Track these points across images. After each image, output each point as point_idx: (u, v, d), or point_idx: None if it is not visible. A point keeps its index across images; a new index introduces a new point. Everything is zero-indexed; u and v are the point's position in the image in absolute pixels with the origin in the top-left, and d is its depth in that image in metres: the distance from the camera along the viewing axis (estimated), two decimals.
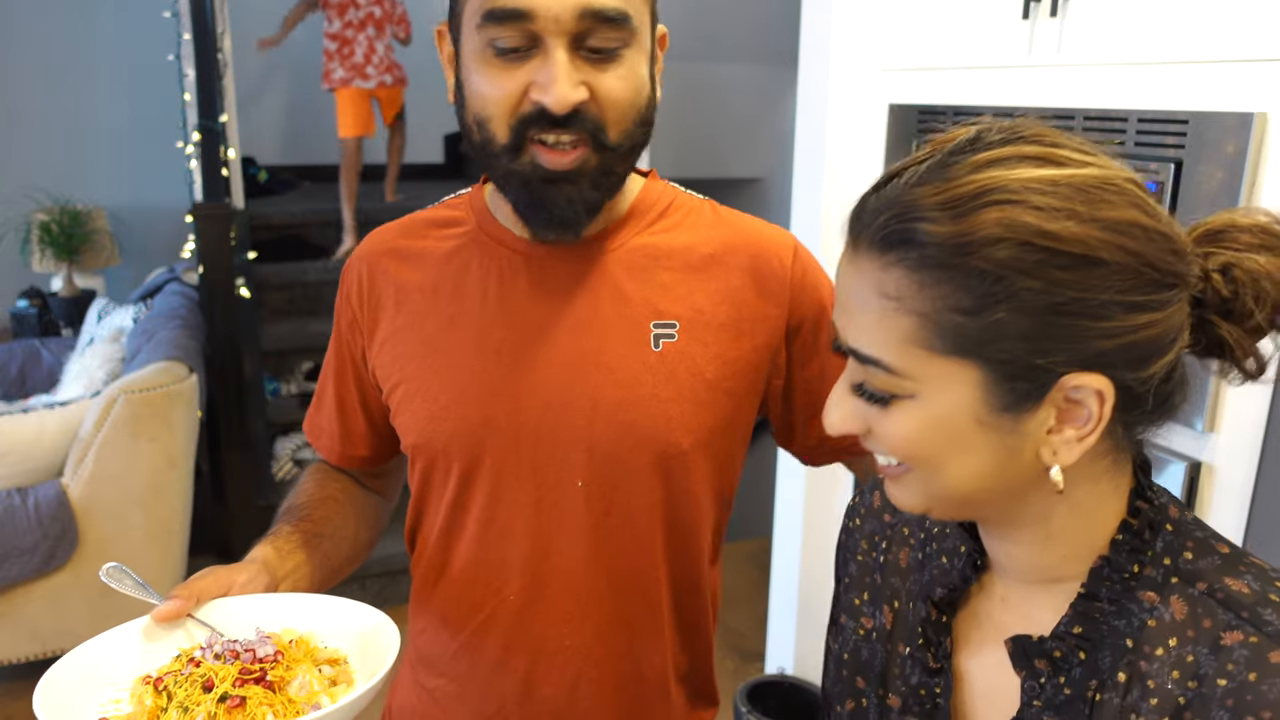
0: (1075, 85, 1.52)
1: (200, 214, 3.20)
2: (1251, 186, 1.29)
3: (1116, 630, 0.60)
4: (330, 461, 1.06)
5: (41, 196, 4.41)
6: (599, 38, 0.80)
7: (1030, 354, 0.54)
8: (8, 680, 2.75)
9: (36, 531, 2.49)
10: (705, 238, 0.94)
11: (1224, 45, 1.31)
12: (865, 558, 0.78)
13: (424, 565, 0.99)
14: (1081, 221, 0.53)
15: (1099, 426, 0.56)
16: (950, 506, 0.62)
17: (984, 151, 0.57)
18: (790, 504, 2.27)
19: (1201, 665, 0.56)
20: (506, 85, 0.81)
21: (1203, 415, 1.37)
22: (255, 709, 0.70)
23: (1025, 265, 0.53)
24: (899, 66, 1.88)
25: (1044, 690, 0.61)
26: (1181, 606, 0.58)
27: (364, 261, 0.98)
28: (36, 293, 4.38)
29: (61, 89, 4.61)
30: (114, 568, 0.84)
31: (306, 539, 0.94)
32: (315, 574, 0.92)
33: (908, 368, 0.57)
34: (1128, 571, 0.60)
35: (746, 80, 4.22)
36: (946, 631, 0.69)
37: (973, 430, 0.57)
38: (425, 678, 1.01)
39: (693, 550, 0.96)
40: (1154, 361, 0.56)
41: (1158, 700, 0.57)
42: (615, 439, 0.89)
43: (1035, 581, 0.64)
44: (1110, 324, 0.54)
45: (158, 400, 2.59)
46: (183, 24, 3.27)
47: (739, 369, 0.92)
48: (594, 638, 0.93)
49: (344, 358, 1.01)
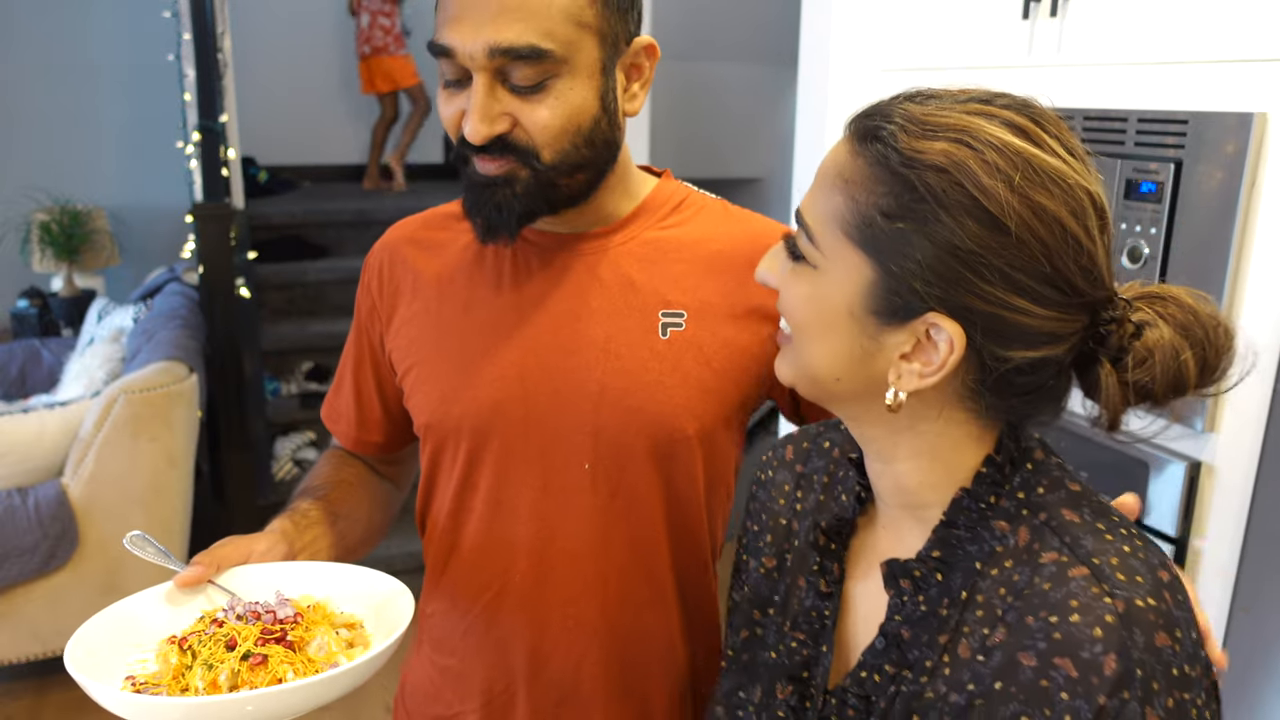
0: (1075, 85, 1.52)
1: (200, 214, 3.20)
2: (1251, 186, 1.29)
3: (970, 555, 0.66)
4: (346, 447, 1.10)
5: (41, 196, 4.41)
6: (518, 75, 0.83)
7: (915, 278, 0.60)
8: (8, 680, 2.75)
9: (36, 531, 2.49)
10: (716, 233, 0.98)
11: (1224, 45, 1.31)
12: (774, 504, 0.83)
13: (435, 546, 1.02)
14: (1012, 190, 0.58)
15: (940, 372, 0.61)
16: (811, 385, 0.68)
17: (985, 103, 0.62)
18: None
19: (1020, 579, 0.63)
20: (450, 111, 0.87)
21: (1203, 415, 1.37)
22: (276, 666, 0.73)
23: (948, 201, 0.58)
24: (899, 66, 1.88)
25: (905, 607, 0.67)
26: (1025, 534, 0.64)
27: (386, 250, 1.03)
28: (36, 293, 4.38)
29: (61, 89, 4.61)
30: (137, 535, 0.87)
31: (323, 515, 0.96)
32: (331, 549, 0.94)
33: (823, 240, 0.63)
34: (984, 502, 0.66)
35: (746, 80, 4.22)
36: (837, 558, 0.75)
37: (843, 318, 0.63)
38: (437, 657, 1.04)
39: (696, 535, 0.98)
40: (1014, 346, 0.61)
41: (983, 613, 0.64)
42: (621, 424, 0.92)
43: (904, 507, 0.70)
44: (989, 288, 0.59)
45: (158, 400, 2.59)
46: (183, 24, 3.27)
47: (746, 359, 0.95)
48: (599, 617, 0.96)
49: (362, 345, 1.05)
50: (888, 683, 0.67)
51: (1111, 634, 0.58)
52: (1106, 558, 0.61)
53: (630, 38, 0.90)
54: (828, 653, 0.73)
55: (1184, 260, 1.38)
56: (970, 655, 0.63)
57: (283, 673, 0.73)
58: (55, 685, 2.72)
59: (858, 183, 0.61)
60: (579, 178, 0.90)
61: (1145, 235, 1.42)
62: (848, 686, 0.70)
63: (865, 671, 0.69)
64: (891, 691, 0.67)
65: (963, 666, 0.64)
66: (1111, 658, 0.57)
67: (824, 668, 0.73)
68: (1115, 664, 0.57)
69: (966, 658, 0.64)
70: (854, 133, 0.63)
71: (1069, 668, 0.58)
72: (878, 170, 0.61)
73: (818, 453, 0.83)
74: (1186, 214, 1.37)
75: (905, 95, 0.64)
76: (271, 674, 0.72)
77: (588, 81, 0.87)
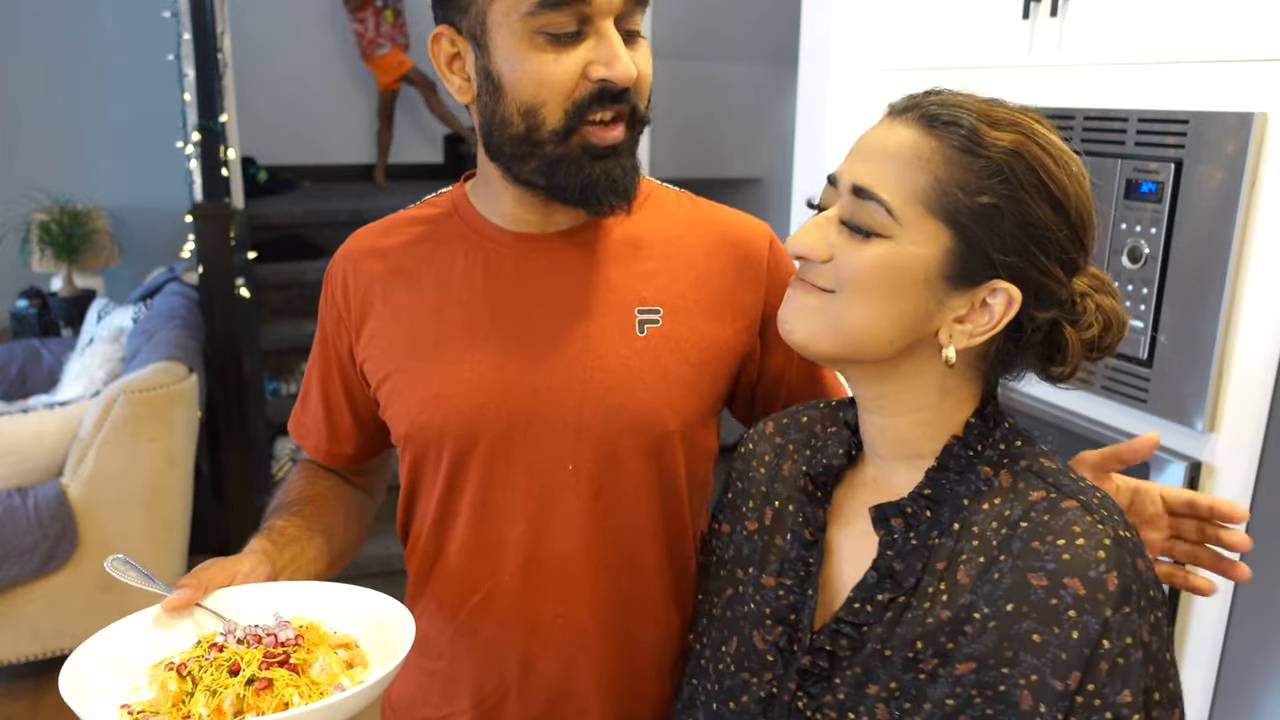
0: (1075, 85, 1.52)
1: (200, 214, 3.20)
2: (1251, 186, 1.29)
3: (957, 494, 0.74)
4: (317, 460, 1.08)
5: (41, 196, 4.41)
6: (632, 20, 0.86)
7: (991, 247, 0.68)
8: (7, 680, 2.75)
9: (36, 531, 2.49)
10: (684, 228, 0.99)
11: (1224, 45, 1.31)
12: (755, 473, 0.89)
13: (419, 554, 1.01)
14: (1072, 179, 0.69)
15: (992, 331, 0.71)
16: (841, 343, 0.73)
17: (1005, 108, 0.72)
18: None
19: (1012, 514, 0.71)
20: (565, 69, 0.84)
21: (1203, 415, 1.37)
22: (282, 690, 0.72)
23: (1024, 181, 0.68)
24: (899, 66, 1.88)
25: (896, 543, 0.75)
26: (1007, 477, 0.74)
27: (348, 260, 1.00)
28: (36, 293, 4.38)
29: (61, 89, 4.61)
30: (119, 560, 0.85)
31: (300, 532, 0.95)
32: (309, 567, 0.93)
33: (903, 214, 0.69)
34: (973, 450, 0.74)
35: (746, 80, 4.22)
36: (823, 505, 0.82)
37: (916, 283, 0.70)
38: (425, 660, 1.03)
39: (680, 527, 0.99)
40: (1046, 309, 0.72)
41: (978, 542, 0.72)
42: (604, 422, 0.92)
43: (899, 458, 0.78)
44: (1045, 260, 0.69)
45: (158, 400, 2.59)
46: (183, 24, 3.27)
47: (721, 352, 0.96)
48: (589, 616, 0.96)
49: (329, 357, 1.03)
50: (881, 610, 0.74)
51: (1111, 555, 0.66)
52: (1090, 495, 0.71)
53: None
54: (813, 595, 0.80)
55: (1184, 260, 1.38)
56: (970, 580, 0.71)
57: (289, 696, 0.71)
58: (54, 685, 2.69)
59: (937, 163, 0.68)
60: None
61: (1145, 235, 1.42)
62: (842, 617, 0.75)
63: (858, 603, 0.75)
64: (888, 618, 0.73)
65: (962, 590, 0.71)
66: (1113, 575, 0.66)
67: (810, 609, 0.79)
68: (1117, 581, 0.66)
69: (965, 583, 0.71)
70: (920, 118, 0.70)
71: (1077, 586, 0.66)
72: (956, 154, 0.68)
73: (795, 427, 0.90)
74: (1186, 214, 1.37)
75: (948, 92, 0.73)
76: (278, 698, 0.71)
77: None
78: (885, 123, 0.73)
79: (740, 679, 0.82)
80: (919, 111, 0.71)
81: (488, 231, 0.96)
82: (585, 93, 0.84)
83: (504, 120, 0.87)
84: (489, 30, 0.85)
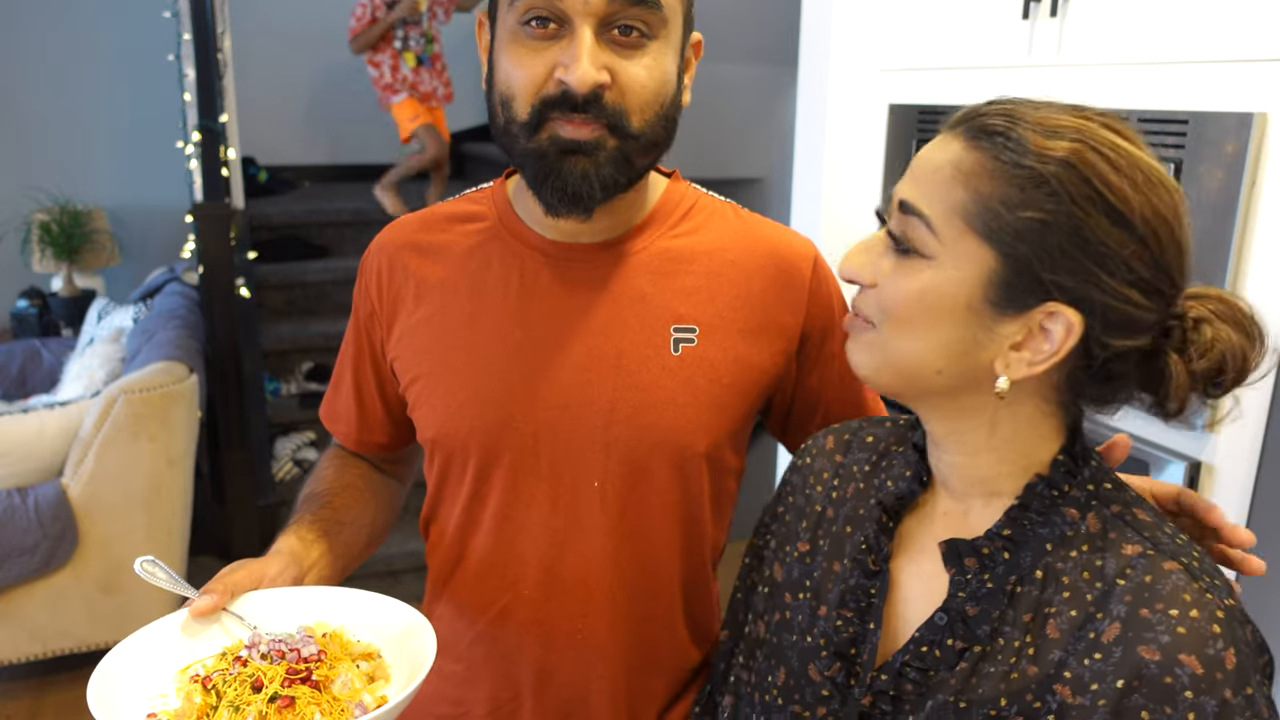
0: (1075, 85, 1.52)
1: (200, 214, 3.20)
2: (1251, 187, 1.29)
3: (1039, 536, 0.68)
4: (347, 447, 1.07)
5: (41, 196, 4.41)
6: (627, 16, 0.81)
7: (1040, 265, 0.62)
8: (7, 680, 2.75)
9: (36, 531, 2.49)
10: (728, 242, 0.95)
11: (1224, 45, 1.31)
12: (811, 491, 0.85)
13: (440, 556, 1.00)
14: (1137, 189, 0.62)
15: (1053, 359, 0.64)
16: (894, 377, 0.69)
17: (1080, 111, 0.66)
18: None
19: (1106, 567, 0.65)
20: (533, 65, 0.82)
21: (1203, 415, 1.37)
22: (304, 708, 0.72)
23: (1075, 194, 0.61)
24: (899, 66, 1.88)
25: (969, 584, 0.69)
26: (1095, 522, 0.68)
27: (384, 253, 0.99)
28: (36, 293, 4.38)
29: (61, 89, 4.61)
30: (148, 561, 0.84)
31: (328, 528, 0.94)
32: (337, 562, 0.93)
33: (944, 231, 0.64)
34: (1058, 489, 0.69)
35: (746, 80, 4.22)
36: (890, 537, 0.76)
37: (959, 310, 0.65)
38: (443, 662, 1.01)
39: (701, 547, 0.98)
40: (1119, 335, 0.64)
41: (1069, 594, 0.66)
42: (632, 441, 0.90)
43: (974, 495, 0.72)
44: (1109, 280, 0.62)
45: (158, 400, 2.59)
46: (183, 24, 3.27)
47: (755, 375, 0.93)
48: (608, 633, 0.95)
49: (362, 346, 1.02)
50: (953, 657, 0.69)
51: (1225, 630, 0.61)
52: (1190, 556, 0.65)
53: (692, 27, 0.90)
54: (875, 630, 0.74)
55: None
56: (1060, 636, 0.65)
57: (310, 714, 0.71)
58: (55, 685, 2.72)
59: (979, 176, 0.64)
60: (649, 158, 0.87)
61: None
62: (907, 660, 0.70)
63: (925, 646, 0.70)
64: (963, 669, 0.68)
65: (1052, 646, 0.65)
66: (1231, 653, 0.60)
67: (872, 645, 0.74)
68: (1235, 659, 0.60)
69: (1056, 638, 0.65)
70: (968, 131, 0.66)
71: (1194, 665, 0.60)
72: (1000, 166, 0.63)
73: (859, 445, 0.84)
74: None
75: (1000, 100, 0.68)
76: (299, 716, 0.71)
77: (673, 55, 0.86)
78: (939, 137, 0.69)
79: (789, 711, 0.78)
80: (970, 124, 0.66)
81: (527, 238, 0.93)
82: (549, 93, 0.82)
83: (492, 111, 0.87)
84: (497, 20, 0.86)
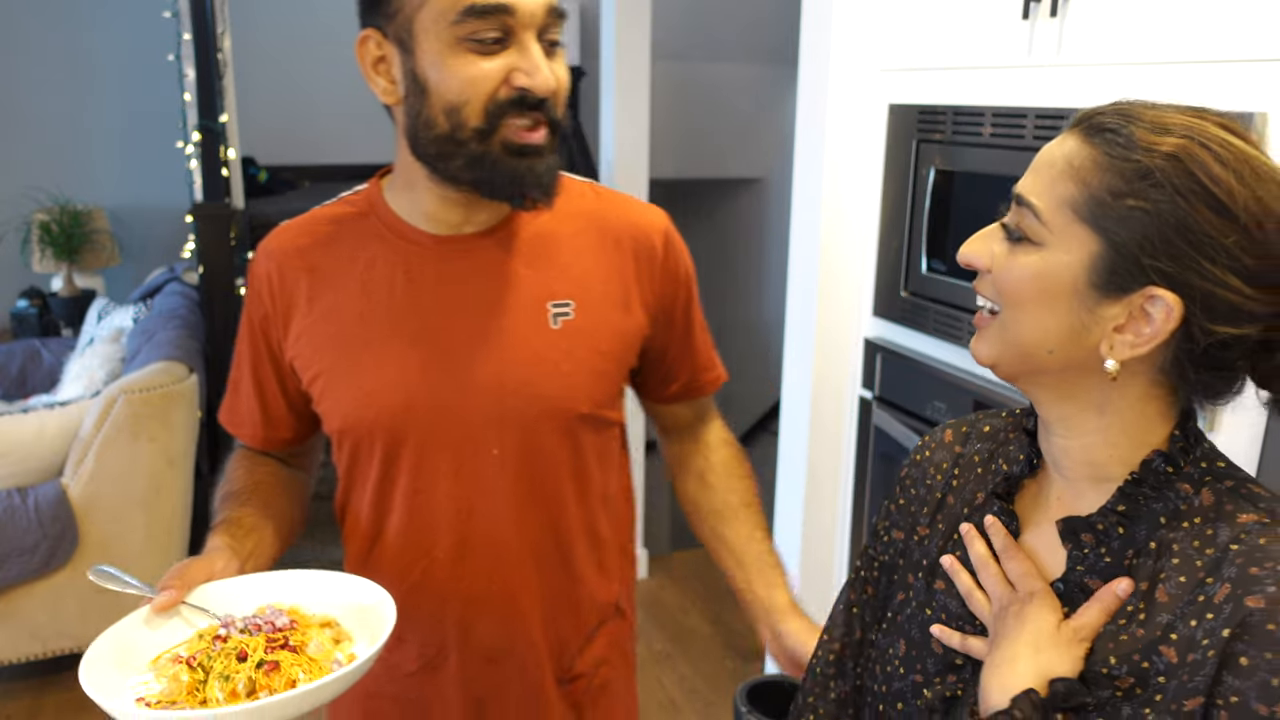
0: (1075, 85, 1.52)
1: (200, 214, 3.20)
2: None
3: (1154, 511, 0.71)
4: (254, 447, 1.14)
5: (42, 196, 4.41)
6: (555, 31, 0.93)
7: (1141, 251, 0.66)
8: (7, 680, 2.76)
9: (36, 531, 2.49)
10: (591, 221, 1.06)
11: (1224, 45, 1.31)
12: (930, 480, 0.89)
13: (358, 536, 1.08)
14: (1242, 182, 0.65)
15: (1153, 340, 0.67)
16: (1015, 360, 0.73)
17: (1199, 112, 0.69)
18: (790, 504, 2.27)
19: (1219, 535, 0.68)
20: (487, 73, 0.90)
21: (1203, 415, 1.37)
22: (289, 670, 0.80)
23: (1179, 185, 0.65)
24: (899, 66, 1.88)
25: (1087, 559, 0.72)
26: (1210, 496, 0.70)
27: (272, 260, 1.05)
28: (36, 293, 4.39)
29: (61, 89, 4.62)
30: (99, 570, 0.91)
31: (255, 522, 1.01)
32: (268, 551, 1.00)
33: (1052, 220, 0.69)
34: (1174, 465, 0.71)
35: (746, 80, 4.22)
36: (1012, 517, 0.80)
37: (1066, 292, 0.69)
38: None
39: (594, 500, 1.09)
40: (1222, 321, 0.66)
41: (1180, 561, 0.68)
42: (524, 410, 1.00)
43: (1085, 479, 0.75)
44: (1211, 267, 0.65)
45: (158, 400, 2.59)
46: (183, 24, 3.27)
47: (627, 340, 1.06)
48: (520, 584, 1.05)
49: (259, 349, 1.08)
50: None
51: None
52: None
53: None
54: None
55: None
56: (1169, 599, 0.68)
57: (294, 674, 0.80)
58: (55, 685, 2.72)
59: (1088, 169, 0.68)
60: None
61: None
62: None
63: None
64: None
65: (1160, 609, 0.68)
66: None
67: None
68: None
69: (1165, 601, 0.68)
70: (1084, 129, 0.70)
71: None
72: (1110, 158, 0.67)
73: (976, 436, 0.89)
74: None
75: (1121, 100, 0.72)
76: (285, 677, 0.79)
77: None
78: (1060, 135, 0.73)
79: (910, 681, 0.81)
80: (1088, 122, 0.70)
81: (407, 234, 1.01)
82: (506, 97, 0.90)
83: (429, 120, 0.93)
84: (416, 35, 0.91)
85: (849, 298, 2.04)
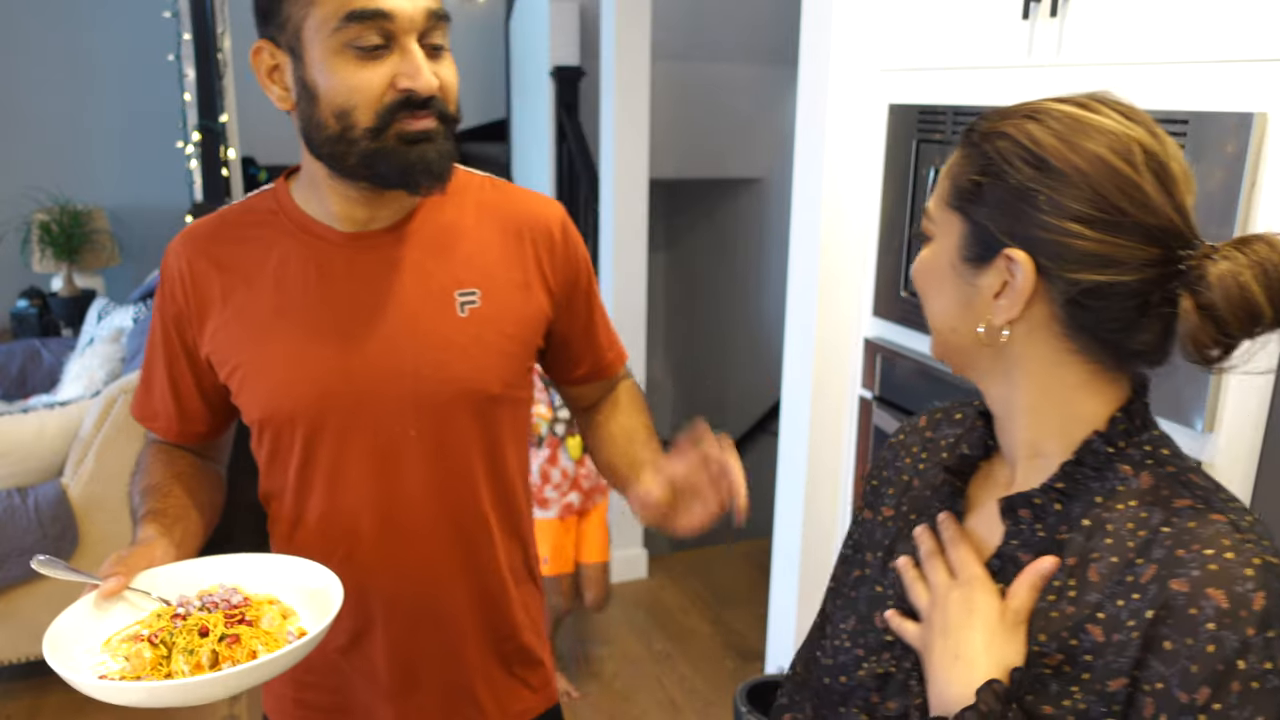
0: (1075, 85, 1.52)
1: (200, 214, 3.19)
2: (1251, 187, 1.29)
3: (1091, 489, 0.73)
4: (169, 440, 1.17)
5: (42, 196, 4.41)
6: (437, 35, 0.98)
7: (990, 221, 0.72)
8: (7, 680, 2.76)
9: (37, 531, 2.49)
10: (489, 212, 1.12)
11: (1224, 45, 1.31)
12: (900, 463, 0.93)
13: (282, 521, 1.13)
14: (1059, 139, 0.71)
15: (1023, 296, 0.71)
16: (938, 347, 0.80)
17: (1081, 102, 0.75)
18: (790, 504, 2.27)
19: (1152, 519, 0.69)
20: (371, 78, 0.95)
21: (1202, 415, 1.37)
22: (248, 642, 0.85)
23: (1007, 154, 0.72)
24: (899, 66, 1.88)
25: (1022, 534, 0.75)
26: (1149, 479, 0.72)
27: (183, 259, 1.09)
28: (36, 293, 4.39)
29: (61, 89, 4.62)
30: (44, 559, 0.98)
31: (180, 512, 1.05)
32: (196, 539, 1.05)
33: (935, 214, 0.78)
34: (1114, 446, 0.73)
35: (746, 80, 4.22)
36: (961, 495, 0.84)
37: (948, 272, 0.76)
38: None
39: (508, 472, 1.16)
40: (1078, 269, 0.69)
41: (1112, 541, 0.70)
42: (438, 394, 1.06)
43: (1028, 459, 0.77)
44: (1047, 218, 0.69)
45: None
46: (183, 24, 3.27)
47: (533, 323, 1.12)
48: (441, 555, 1.12)
49: (173, 346, 1.11)
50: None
51: (1259, 575, 0.64)
52: (1241, 515, 0.69)
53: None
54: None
55: None
56: (1100, 579, 0.69)
57: (253, 645, 0.85)
58: (55, 685, 2.71)
59: (957, 165, 0.76)
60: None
61: None
62: None
63: None
64: None
65: (1091, 588, 0.70)
66: (1260, 595, 0.63)
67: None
68: (1264, 601, 0.63)
69: (1095, 581, 0.70)
70: (961, 137, 0.77)
71: (1220, 599, 0.63)
72: (966, 152, 0.75)
73: (948, 422, 0.92)
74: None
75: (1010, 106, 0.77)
76: (246, 648, 0.84)
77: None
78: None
79: (853, 655, 0.85)
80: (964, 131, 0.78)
81: (317, 231, 1.06)
82: (393, 99, 0.96)
83: (319, 123, 0.98)
84: (304, 44, 0.96)
85: (849, 298, 2.04)
